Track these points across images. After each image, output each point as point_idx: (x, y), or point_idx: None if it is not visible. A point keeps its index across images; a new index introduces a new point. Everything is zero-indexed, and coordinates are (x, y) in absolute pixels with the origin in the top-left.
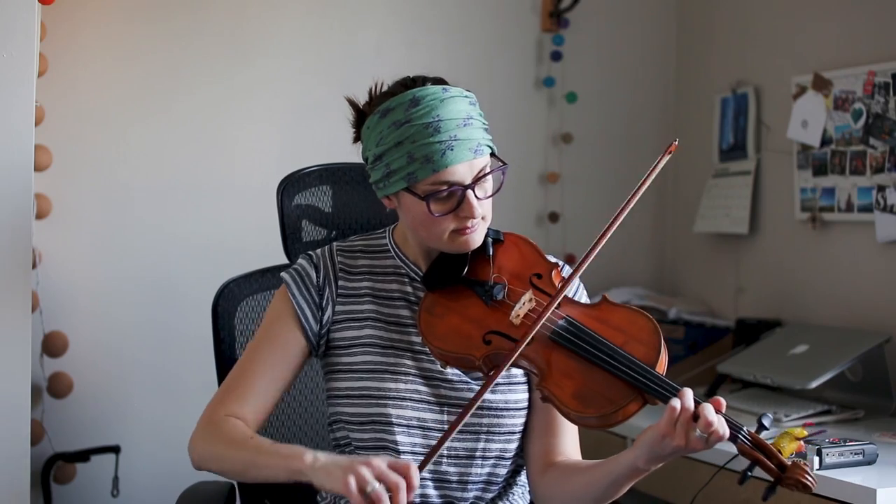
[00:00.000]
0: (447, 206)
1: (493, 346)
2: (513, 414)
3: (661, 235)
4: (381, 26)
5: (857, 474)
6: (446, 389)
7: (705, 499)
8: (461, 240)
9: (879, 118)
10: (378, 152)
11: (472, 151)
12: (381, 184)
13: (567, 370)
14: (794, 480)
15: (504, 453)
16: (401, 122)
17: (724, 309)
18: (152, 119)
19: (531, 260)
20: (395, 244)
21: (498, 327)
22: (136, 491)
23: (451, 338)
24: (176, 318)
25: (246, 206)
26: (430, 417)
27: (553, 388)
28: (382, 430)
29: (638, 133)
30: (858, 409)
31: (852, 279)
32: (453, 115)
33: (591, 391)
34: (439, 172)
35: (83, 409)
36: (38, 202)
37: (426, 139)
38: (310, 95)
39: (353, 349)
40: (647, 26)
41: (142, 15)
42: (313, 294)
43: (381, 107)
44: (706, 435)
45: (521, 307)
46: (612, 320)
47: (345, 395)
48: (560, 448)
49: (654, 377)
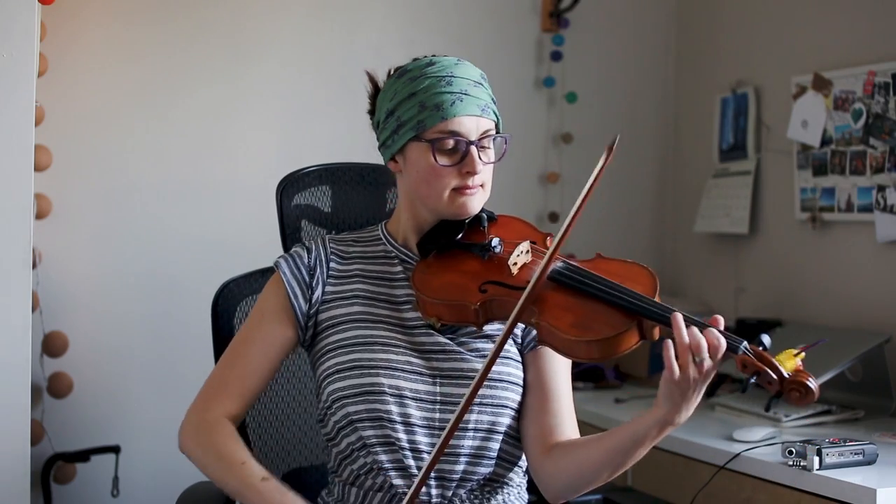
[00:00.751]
0: (451, 158)
1: (490, 293)
2: (506, 386)
3: (661, 235)
4: (380, 26)
5: (857, 474)
6: (439, 360)
7: (705, 499)
8: (460, 200)
9: (879, 118)
10: (391, 107)
11: (479, 108)
12: (389, 141)
13: (565, 305)
14: (796, 384)
15: (495, 426)
16: (416, 77)
17: (724, 309)
18: (152, 119)
19: (525, 231)
20: (386, 232)
21: (495, 277)
22: (136, 491)
23: (445, 289)
24: (176, 318)
25: (245, 206)
26: (424, 388)
27: (551, 319)
28: (375, 401)
29: (638, 133)
30: (858, 409)
31: (852, 279)
32: (466, 75)
33: (590, 319)
34: (448, 120)
35: (83, 409)
36: (38, 202)
37: (438, 89)
38: (310, 95)
39: (341, 326)
40: (647, 26)
41: (142, 15)
42: (304, 273)
43: (398, 70)
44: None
45: (519, 256)
46: (608, 268)
47: (335, 371)
48: (559, 429)
49: (652, 301)
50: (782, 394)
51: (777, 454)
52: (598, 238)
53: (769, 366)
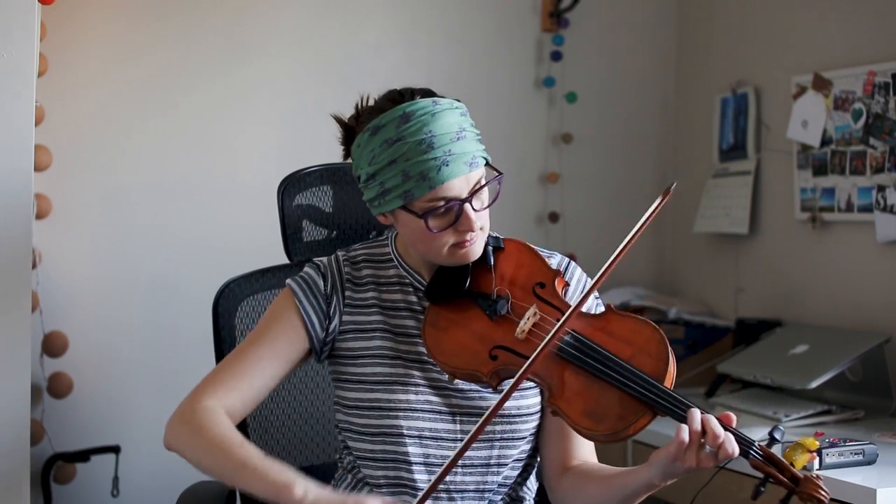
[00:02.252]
0: (445, 220)
1: (500, 361)
2: (525, 419)
3: (661, 235)
4: (380, 26)
5: (857, 474)
6: (458, 399)
7: (705, 499)
8: (461, 253)
9: (879, 118)
10: (371, 171)
11: (467, 165)
12: (376, 202)
13: (576, 387)
14: (807, 495)
15: (519, 456)
16: (392, 140)
17: (724, 309)
18: (152, 119)
19: (533, 268)
20: (397, 253)
21: (503, 342)
22: (136, 491)
23: (457, 353)
24: (176, 318)
25: (246, 206)
26: (443, 427)
27: (563, 405)
28: (393, 442)
29: (638, 133)
30: (858, 409)
31: (852, 279)
32: (446, 129)
33: (602, 408)
34: (436, 189)
35: (83, 409)
36: (38, 202)
37: (420, 156)
38: (310, 95)
39: (362, 360)
40: (647, 26)
41: (142, 15)
42: (321, 302)
43: (371, 124)
44: (715, 450)
45: (526, 322)
46: (619, 332)
47: (354, 406)
48: (575, 452)
49: (665, 394)
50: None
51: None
52: (598, 238)
53: (780, 468)
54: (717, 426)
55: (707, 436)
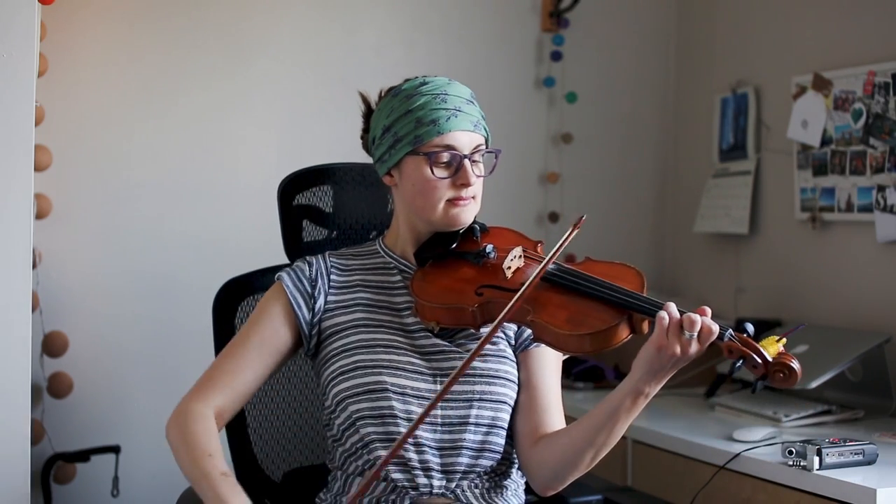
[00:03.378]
0: (447, 171)
1: (486, 296)
2: (503, 383)
3: (661, 235)
4: (380, 26)
5: (857, 474)
6: (439, 360)
7: (705, 499)
8: (454, 212)
9: (879, 118)
10: (387, 123)
11: (472, 124)
12: (385, 156)
13: (559, 303)
14: (780, 366)
15: (496, 421)
16: (410, 95)
17: (724, 309)
18: (152, 119)
19: (516, 240)
20: (384, 245)
21: (490, 281)
22: (136, 491)
23: (443, 294)
24: (176, 318)
25: (246, 206)
26: (425, 387)
27: (545, 317)
28: (379, 398)
29: (638, 133)
30: (858, 409)
31: (852, 279)
32: (458, 93)
33: (583, 315)
34: (444, 135)
35: (83, 409)
36: (38, 202)
37: (434, 106)
38: (310, 95)
39: (344, 331)
40: (647, 26)
41: (142, 15)
42: (306, 284)
43: (392, 90)
44: (695, 334)
45: (513, 260)
46: (598, 269)
47: (339, 373)
48: (547, 423)
49: (641, 296)
50: (767, 376)
51: (777, 454)
52: (598, 238)
53: (753, 350)
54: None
55: (684, 321)
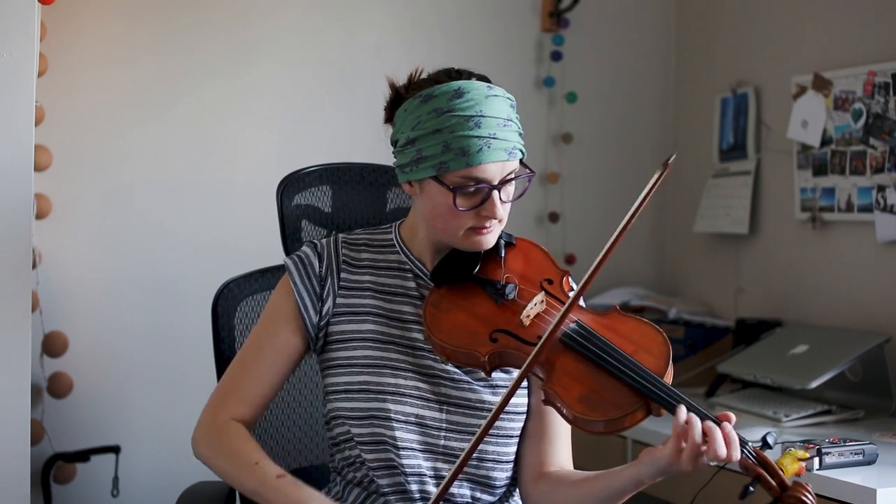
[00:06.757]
0: (471, 202)
1: (500, 344)
2: (512, 417)
3: (661, 235)
4: (380, 26)
5: (857, 474)
6: (447, 388)
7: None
8: (476, 238)
9: (879, 118)
10: (412, 136)
11: (506, 153)
12: (407, 168)
13: (574, 373)
14: (794, 500)
15: (500, 457)
16: (442, 111)
17: (724, 309)
18: (152, 119)
19: (542, 265)
20: (401, 239)
21: (506, 326)
22: (136, 491)
23: (456, 332)
24: (176, 318)
25: (246, 206)
26: (429, 415)
27: (558, 389)
28: (381, 426)
29: (638, 133)
30: (858, 409)
31: (852, 279)
32: (495, 112)
33: (598, 396)
34: (472, 168)
35: (83, 409)
36: (38, 202)
37: (465, 132)
38: (310, 95)
39: (352, 343)
40: (647, 26)
41: (142, 15)
42: (315, 284)
43: (424, 92)
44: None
45: (533, 308)
46: (623, 329)
47: (343, 391)
48: (554, 457)
49: (663, 386)
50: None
51: (777, 454)
52: (598, 238)
53: (770, 472)
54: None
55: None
